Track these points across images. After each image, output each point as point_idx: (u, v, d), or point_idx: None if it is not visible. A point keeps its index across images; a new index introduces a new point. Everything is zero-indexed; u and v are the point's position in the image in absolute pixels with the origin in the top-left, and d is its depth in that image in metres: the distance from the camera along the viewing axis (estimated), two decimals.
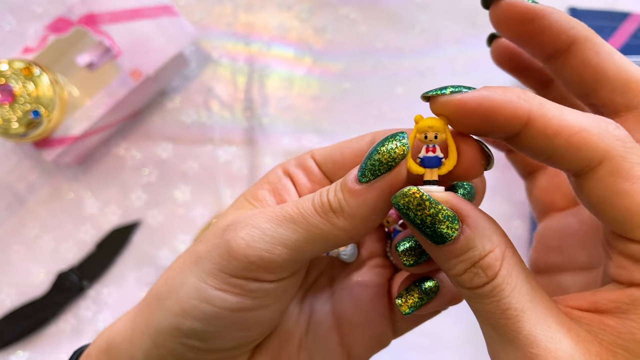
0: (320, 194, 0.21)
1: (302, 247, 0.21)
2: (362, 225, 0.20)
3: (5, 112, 0.43)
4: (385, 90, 0.52)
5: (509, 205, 0.50)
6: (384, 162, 0.19)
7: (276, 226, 0.21)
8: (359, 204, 0.20)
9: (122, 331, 0.24)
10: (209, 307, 0.21)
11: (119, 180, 0.50)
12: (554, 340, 0.17)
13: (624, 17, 0.48)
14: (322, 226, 0.20)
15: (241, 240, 0.21)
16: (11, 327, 0.47)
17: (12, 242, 0.49)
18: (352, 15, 0.53)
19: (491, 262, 0.18)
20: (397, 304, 0.22)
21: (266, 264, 0.21)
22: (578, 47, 0.20)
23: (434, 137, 0.19)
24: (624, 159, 0.17)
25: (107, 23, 0.46)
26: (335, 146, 0.25)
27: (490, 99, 0.17)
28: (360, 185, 0.20)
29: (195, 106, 0.51)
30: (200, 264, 0.22)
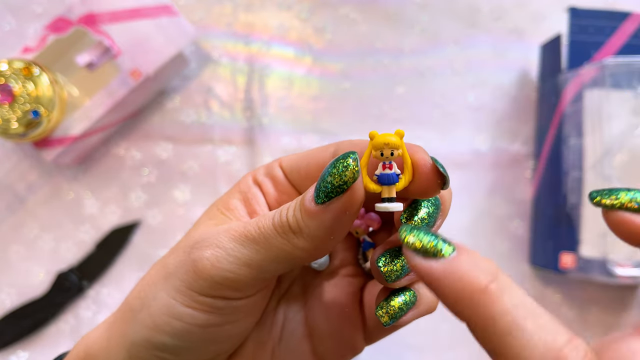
0: (280, 213, 0.21)
1: (266, 267, 0.21)
2: (322, 245, 0.21)
3: (5, 112, 0.43)
4: (385, 90, 0.52)
5: (509, 205, 0.50)
6: (336, 185, 0.19)
7: (240, 246, 0.21)
8: (316, 225, 0.20)
9: (98, 341, 0.25)
10: (179, 323, 0.22)
11: (118, 180, 0.50)
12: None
13: (624, 17, 0.47)
14: (283, 246, 0.21)
15: (206, 261, 0.21)
16: (11, 327, 0.47)
17: (12, 242, 0.49)
18: (352, 15, 0.53)
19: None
20: (378, 314, 0.22)
21: (231, 284, 0.21)
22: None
23: (391, 154, 0.19)
24: None
25: (107, 23, 0.46)
26: (301, 155, 0.25)
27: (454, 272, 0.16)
28: (317, 206, 0.20)
29: (195, 106, 0.51)
30: (169, 279, 0.22)
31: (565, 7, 0.48)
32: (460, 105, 0.52)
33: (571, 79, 0.46)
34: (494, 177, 0.51)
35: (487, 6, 0.54)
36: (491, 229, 0.50)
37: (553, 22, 0.52)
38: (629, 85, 0.45)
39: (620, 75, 0.44)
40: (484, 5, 0.54)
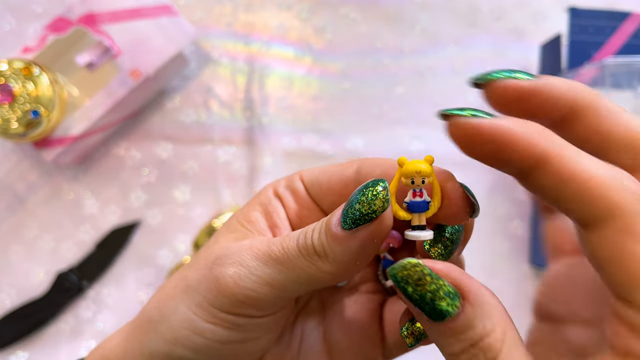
0: (305, 235, 0.21)
1: (288, 287, 0.21)
2: (347, 270, 0.20)
3: (5, 112, 0.43)
4: (385, 90, 0.52)
5: (509, 205, 0.50)
6: (364, 213, 0.19)
7: (263, 265, 0.21)
8: (342, 251, 0.20)
9: (115, 350, 0.24)
10: (199, 339, 0.22)
11: (118, 180, 0.50)
12: None
13: (624, 17, 0.47)
14: (307, 269, 0.20)
15: (229, 279, 0.21)
16: (11, 327, 0.47)
17: (11, 242, 0.49)
18: (352, 15, 0.53)
19: (492, 343, 0.17)
20: (403, 335, 0.21)
21: (254, 302, 0.21)
22: (580, 112, 0.19)
23: (422, 182, 0.19)
24: (637, 217, 0.16)
25: (107, 23, 0.46)
26: (323, 169, 0.24)
27: (508, 130, 0.17)
28: (343, 231, 0.19)
29: (195, 106, 0.51)
30: (190, 294, 0.22)
31: (565, 7, 0.48)
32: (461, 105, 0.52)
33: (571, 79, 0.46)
34: (494, 177, 0.51)
35: (487, 6, 0.54)
36: (491, 228, 0.50)
37: (553, 22, 0.52)
38: (629, 85, 0.45)
39: (620, 75, 0.44)
40: (484, 5, 0.54)
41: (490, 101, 0.19)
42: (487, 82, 0.19)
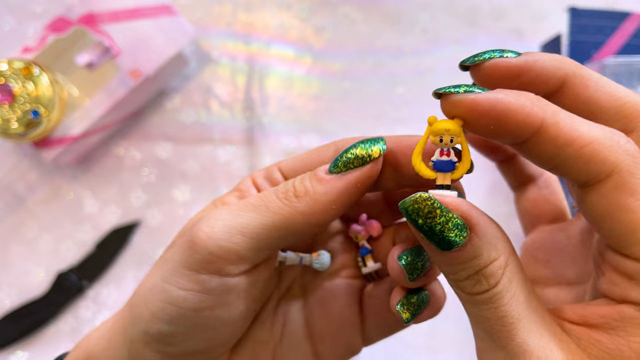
0: (286, 183, 0.22)
1: (260, 234, 0.21)
2: (321, 211, 0.21)
3: (5, 112, 0.43)
4: (385, 90, 0.52)
5: (509, 205, 0.50)
6: (359, 156, 0.20)
7: (236, 216, 0.21)
8: (324, 190, 0.21)
9: (99, 341, 0.25)
10: (173, 308, 0.22)
11: (118, 180, 0.50)
12: (545, 350, 0.17)
13: (624, 17, 0.47)
14: (280, 210, 0.21)
15: (202, 233, 0.21)
16: (11, 327, 0.47)
17: (11, 242, 0.49)
18: (352, 15, 0.53)
19: (494, 270, 0.18)
20: (400, 311, 0.22)
21: (225, 254, 0.21)
22: (568, 85, 0.19)
23: (450, 141, 0.19)
24: (633, 174, 0.17)
25: (107, 23, 0.46)
26: (300, 158, 0.25)
27: (505, 102, 0.17)
28: (330, 175, 0.21)
29: (195, 106, 0.51)
30: (165, 264, 0.23)
31: (565, 7, 0.48)
32: None
33: None
34: (495, 176, 0.51)
35: (487, 6, 0.54)
36: None
37: (553, 22, 0.52)
38: (629, 85, 0.44)
39: (620, 75, 0.44)
40: (484, 5, 0.54)
41: (481, 82, 0.20)
42: (477, 64, 0.20)
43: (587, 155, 0.17)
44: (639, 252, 0.17)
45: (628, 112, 0.19)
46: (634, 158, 0.17)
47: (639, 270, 0.17)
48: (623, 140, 0.17)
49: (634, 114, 0.19)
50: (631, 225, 0.17)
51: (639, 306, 0.17)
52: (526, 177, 0.27)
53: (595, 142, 0.17)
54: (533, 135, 0.17)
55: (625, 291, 0.18)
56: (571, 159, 0.17)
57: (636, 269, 0.17)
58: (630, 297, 0.18)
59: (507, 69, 0.19)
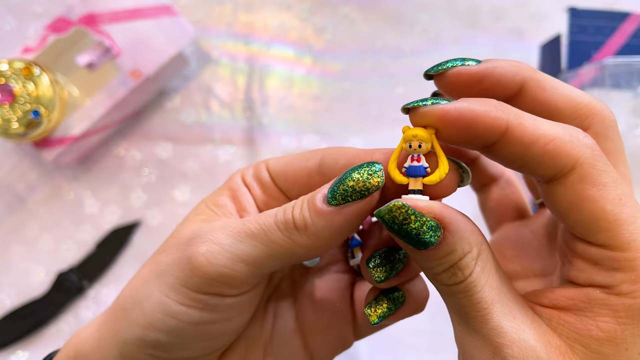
0: (285, 210, 0.21)
1: (263, 263, 0.21)
2: (324, 244, 0.21)
3: (5, 112, 0.43)
4: (385, 90, 0.52)
5: None
6: (358, 190, 0.20)
7: (237, 242, 0.21)
8: (325, 225, 0.20)
9: (89, 340, 0.24)
10: (173, 321, 0.22)
11: (119, 180, 0.50)
12: (518, 330, 0.18)
13: (624, 17, 0.48)
14: (283, 243, 0.21)
15: (202, 257, 0.21)
16: (11, 327, 0.47)
17: (12, 242, 0.49)
18: (352, 15, 0.53)
19: (468, 262, 0.19)
20: (367, 313, 0.22)
21: (227, 280, 0.21)
22: (526, 89, 0.21)
23: (418, 147, 0.20)
24: (593, 166, 0.18)
25: (107, 23, 0.46)
26: (288, 160, 0.25)
27: (471, 109, 0.18)
28: (329, 207, 0.20)
29: (195, 106, 0.51)
30: (162, 277, 0.22)
31: (565, 7, 0.48)
32: None
33: (571, 79, 0.46)
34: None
35: (487, 6, 0.54)
36: None
37: (553, 22, 0.52)
38: (628, 85, 0.45)
39: (620, 75, 0.44)
40: (484, 5, 0.54)
41: (445, 89, 0.21)
42: (440, 72, 0.21)
43: (551, 151, 0.18)
44: (602, 239, 0.18)
45: (582, 111, 0.20)
46: (593, 151, 0.18)
47: (602, 256, 0.19)
48: (582, 135, 0.18)
49: (588, 113, 0.20)
50: (594, 214, 0.18)
51: (604, 289, 0.19)
52: (488, 178, 0.28)
53: (558, 139, 0.18)
54: (500, 138, 0.18)
55: (591, 276, 0.19)
56: (537, 157, 0.18)
57: (600, 255, 0.19)
58: (596, 281, 0.19)
59: (469, 76, 0.20)
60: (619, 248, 0.18)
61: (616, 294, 0.18)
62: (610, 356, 0.18)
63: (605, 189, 0.18)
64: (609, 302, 0.18)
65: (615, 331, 0.18)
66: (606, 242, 0.18)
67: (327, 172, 0.23)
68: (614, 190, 0.18)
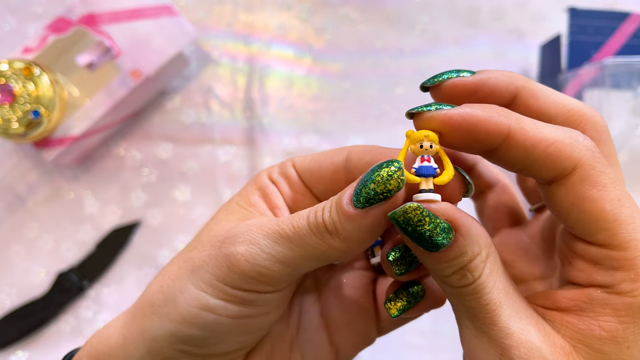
0: (316, 213, 0.21)
1: (299, 264, 0.22)
2: (357, 246, 0.21)
3: (5, 112, 0.43)
4: (385, 90, 0.52)
5: None
6: (379, 192, 0.20)
7: (274, 243, 0.21)
8: (353, 228, 0.21)
9: (113, 337, 0.25)
10: (210, 315, 0.22)
11: (119, 180, 0.50)
12: (524, 332, 0.19)
13: (624, 17, 0.48)
14: (318, 246, 0.21)
15: (240, 256, 0.22)
16: (11, 327, 0.47)
17: (12, 242, 0.49)
18: (352, 15, 0.53)
19: (477, 264, 0.19)
20: (387, 307, 0.23)
21: (265, 279, 0.22)
22: (519, 97, 0.21)
23: (429, 147, 0.20)
24: (593, 167, 0.19)
25: (107, 23, 0.46)
26: (314, 157, 0.26)
27: (474, 114, 0.19)
28: (355, 210, 0.20)
29: (195, 106, 0.51)
30: (197, 273, 0.23)
31: (565, 7, 0.48)
32: None
33: (571, 79, 0.46)
34: None
35: (487, 6, 0.54)
36: None
37: (553, 22, 0.52)
38: (628, 85, 0.45)
39: (620, 76, 0.44)
40: (484, 5, 0.54)
41: (441, 101, 0.22)
42: (436, 84, 0.22)
43: (552, 154, 0.19)
44: (602, 238, 0.19)
45: (575, 117, 0.21)
46: (593, 153, 0.19)
47: (602, 256, 0.19)
48: (582, 137, 0.19)
49: (580, 119, 0.21)
50: (594, 214, 0.19)
51: (605, 288, 0.19)
52: (484, 185, 0.28)
53: (558, 142, 0.19)
54: (502, 142, 0.19)
55: (591, 276, 0.19)
56: (539, 159, 0.19)
57: (600, 255, 0.19)
58: (597, 281, 0.19)
59: (465, 87, 0.21)
60: (618, 247, 0.19)
61: (616, 293, 0.19)
62: (612, 355, 0.18)
63: (604, 190, 0.19)
64: (609, 301, 0.19)
65: (617, 330, 0.18)
66: (605, 242, 0.19)
67: (352, 168, 0.24)
68: (613, 191, 0.19)
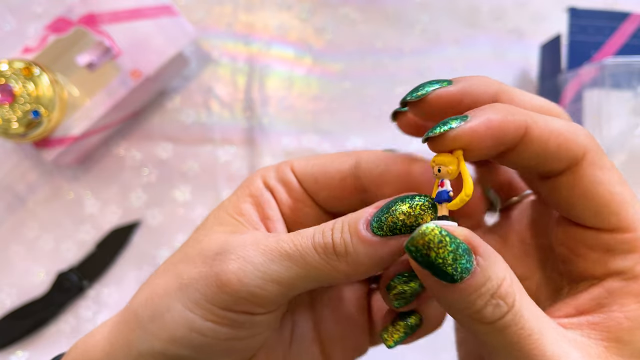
0: (324, 233, 0.20)
1: (295, 284, 0.20)
2: (363, 273, 0.20)
3: (5, 112, 0.43)
4: (385, 90, 0.52)
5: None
6: (408, 224, 0.19)
7: (270, 262, 0.20)
8: (368, 254, 0.19)
9: (99, 348, 0.23)
10: (198, 337, 0.21)
11: (119, 180, 0.50)
12: (568, 354, 0.17)
13: (624, 17, 0.48)
14: (320, 267, 0.20)
15: (232, 275, 0.20)
16: (11, 327, 0.47)
17: (12, 242, 0.49)
18: (352, 15, 0.53)
19: (508, 289, 0.17)
20: (383, 337, 0.22)
21: (257, 300, 0.20)
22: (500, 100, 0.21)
23: (438, 171, 0.19)
24: (597, 152, 0.19)
25: (107, 23, 0.46)
26: (316, 162, 0.24)
27: (496, 120, 0.18)
28: (374, 236, 0.19)
29: (195, 106, 0.51)
30: (186, 291, 0.21)
31: (565, 7, 0.48)
32: None
33: (571, 79, 0.46)
34: None
35: (487, 6, 0.54)
36: None
37: (553, 22, 0.52)
38: (628, 85, 0.45)
39: (619, 76, 0.44)
40: (484, 5, 0.54)
41: (425, 114, 0.21)
42: (419, 98, 0.20)
43: (563, 143, 0.19)
44: (615, 221, 0.19)
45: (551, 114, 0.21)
46: (592, 138, 0.19)
47: (615, 241, 0.19)
48: (578, 126, 0.19)
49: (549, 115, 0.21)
50: (606, 196, 0.19)
51: (622, 275, 0.19)
52: None
53: (566, 132, 0.19)
54: (520, 140, 0.19)
55: (607, 264, 0.19)
56: (554, 150, 0.19)
57: (614, 240, 0.19)
58: (613, 269, 0.19)
59: (451, 97, 0.20)
60: (628, 229, 0.19)
61: (634, 277, 0.18)
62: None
63: (610, 172, 0.19)
64: (629, 289, 0.18)
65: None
66: (617, 225, 0.19)
67: (364, 176, 0.22)
68: (617, 173, 0.19)
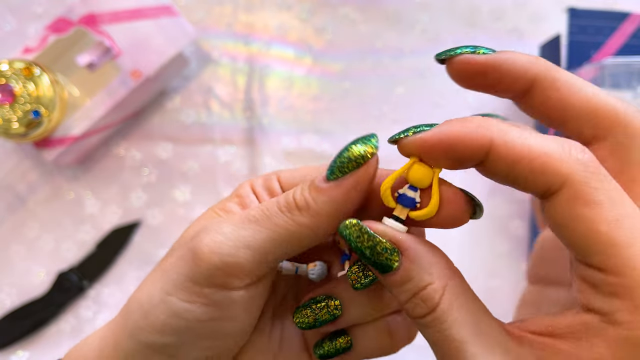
0: (286, 194, 0.21)
1: (266, 248, 0.21)
2: (326, 223, 0.21)
3: (6, 112, 0.43)
4: (385, 90, 0.52)
5: (509, 205, 0.50)
6: (353, 159, 0.20)
7: (239, 229, 0.21)
8: (325, 201, 0.20)
9: (92, 350, 0.24)
10: (178, 321, 0.22)
11: (119, 180, 0.50)
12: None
13: (624, 17, 0.48)
14: (286, 225, 0.21)
15: (205, 247, 0.21)
16: (11, 327, 0.47)
17: (12, 242, 0.49)
18: (352, 15, 0.53)
19: (430, 293, 0.18)
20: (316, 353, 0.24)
21: (231, 269, 0.21)
22: (537, 86, 0.19)
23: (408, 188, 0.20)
24: (585, 183, 0.17)
25: (107, 23, 0.46)
26: (301, 172, 0.25)
27: (450, 132, 0.18)
28: (328, 182, 0.20)
29: (195, 106, 0.51)
30: (165, 275, 0.22)
31: (564, 7, 0.48)
32: (460, 105, 0.52)
33: None
34: None
35: (487, 6, 0.54)
36: (491, 229, 0.50)
37: (552, 23, 0.52)
38: (628, 85, 0.45)
39: (619, 76, 0.44)
40: (484, 5, 0.54)
41: (454, 76, 0.21)
42: (449, 58, 0.20)
43: (537, 168, 0.17)
44: (599, 262, 0.17)
45: (601, 118, 0.19)
46: (587, 167, 0.17)
47: (600, 280, 0.17)
48: (575, 150, 0.17)
49: (607, 122, 0.19)
50: (587, 235, 0.17)
51: (602, 316, 0.17)
52: None
53: (545, 155, 0.17)
54: (486, 156, 0.18)
55: (590, 300, 0.18)
56: (524, 174, 0.17)
57: (597, 278, 0.17)
58: (595, 307, 0.18)
59: (476, 65, 0.20)
60: (615, 273, 0.17)
61: (613, 323, 0.17)
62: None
63: (599, 208, 0.17)
64: (605, 332, 0.17)
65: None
66: (602, 266, 0.17)
67: None
68: (611, 210, 0.17)
